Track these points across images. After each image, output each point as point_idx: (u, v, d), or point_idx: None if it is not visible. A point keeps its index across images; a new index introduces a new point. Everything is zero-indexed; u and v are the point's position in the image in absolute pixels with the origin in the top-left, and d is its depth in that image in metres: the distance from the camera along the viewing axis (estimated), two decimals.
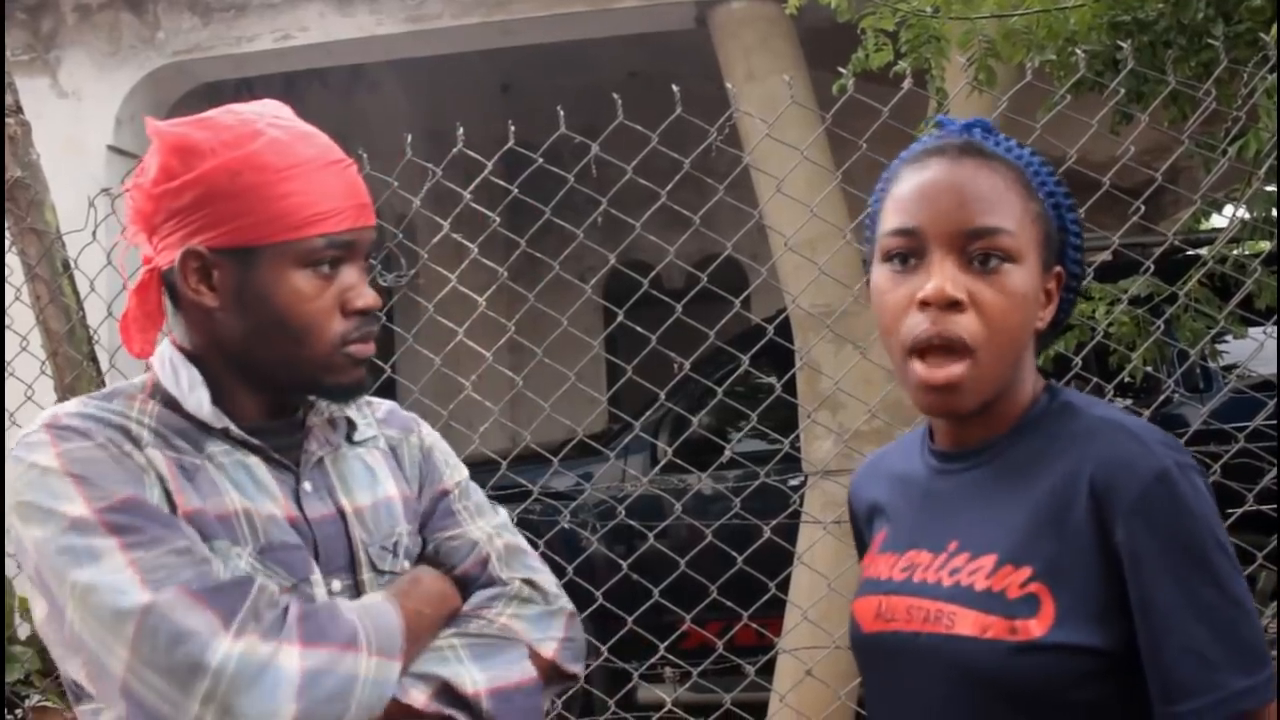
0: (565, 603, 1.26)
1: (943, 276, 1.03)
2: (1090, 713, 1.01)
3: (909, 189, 1.08)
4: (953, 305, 1.03)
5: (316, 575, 1.15)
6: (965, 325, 1.03)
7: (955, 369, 1.03)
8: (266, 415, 1.20)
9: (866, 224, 1.16)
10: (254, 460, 1.17)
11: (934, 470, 1.14)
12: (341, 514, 1.20)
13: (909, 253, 1.06)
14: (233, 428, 1.16)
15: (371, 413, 1.32)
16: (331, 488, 1.21)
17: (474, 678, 1.13)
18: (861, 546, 1.27)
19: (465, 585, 1.23)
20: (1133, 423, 1.05)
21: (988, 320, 1.03)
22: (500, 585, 1.23)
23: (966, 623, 1.03)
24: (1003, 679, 1.01)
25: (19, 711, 3.21)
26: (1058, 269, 1.10)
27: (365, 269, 1.20)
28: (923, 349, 1.04)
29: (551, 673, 1.20)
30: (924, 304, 1.04)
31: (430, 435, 1.36)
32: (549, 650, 1.20)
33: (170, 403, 1.17)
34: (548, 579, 1.26)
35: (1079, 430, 1.04)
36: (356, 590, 1.18)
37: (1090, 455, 1.02)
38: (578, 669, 1.23)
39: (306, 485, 1.19)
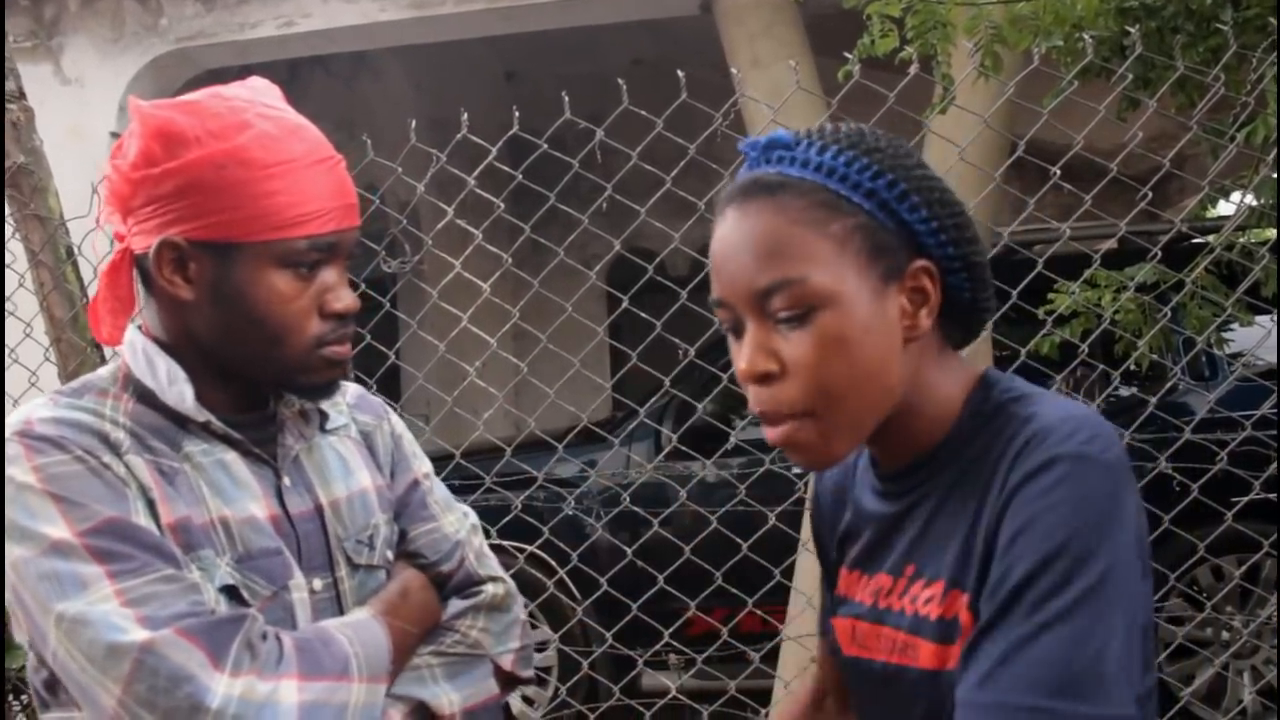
0: (520, 609, 1.32)
1: (747, 350, 0.96)
2: None
3: (713, 251, 0.99)
4: (764, 379, 0.95)
5: (297, 579, 1.14)
6: (784, 394, 0.95)
7: (789, 428, 0.96)
8: (238, 408, 1.18)
9: None
10: (231, 457, 1.15)
11: (882, 492, 1.07)
12: (319, 510, 1.19)
13: (732, 324, 0.99)
14: (214, 421, 1.14)
15: (341, 398, 1.31)
16: (309, 483, 1.20)
17: (450, 698, 1.18)
18: (821, 546, 1.23)
19: (443, 580, 1.27)
20: (1051, 417, 0.94)
21: (808, 379, 0.94)
22: (474, 586, 1.28)
23: (928, 656, 0.98)
24: None
25: (24, 698, 3.21)
26: (920, 263, 0.98)
27: (345, 269, 1.18)
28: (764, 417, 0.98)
29: (509, 681, 1.27)
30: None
31: (399, 423, 1.37)
32: (507, 662, 1.26)
33: (144, 396, 1.13)
34: (510, 583, 1.32)
35: (1007, 435, 0.95)
36: (335, 587, 1.18)
37: (1004, 465, 0.93)
38: (530, 673, 1.30)
39: (286, 481, 1.18)
